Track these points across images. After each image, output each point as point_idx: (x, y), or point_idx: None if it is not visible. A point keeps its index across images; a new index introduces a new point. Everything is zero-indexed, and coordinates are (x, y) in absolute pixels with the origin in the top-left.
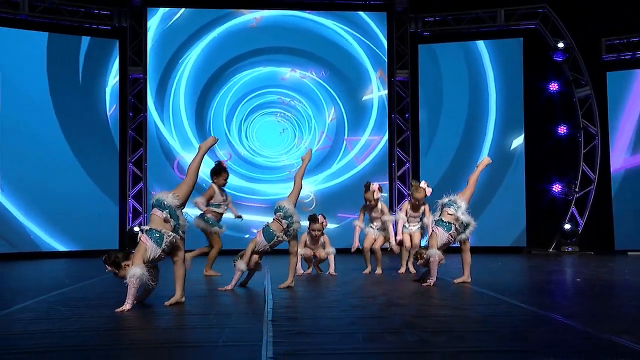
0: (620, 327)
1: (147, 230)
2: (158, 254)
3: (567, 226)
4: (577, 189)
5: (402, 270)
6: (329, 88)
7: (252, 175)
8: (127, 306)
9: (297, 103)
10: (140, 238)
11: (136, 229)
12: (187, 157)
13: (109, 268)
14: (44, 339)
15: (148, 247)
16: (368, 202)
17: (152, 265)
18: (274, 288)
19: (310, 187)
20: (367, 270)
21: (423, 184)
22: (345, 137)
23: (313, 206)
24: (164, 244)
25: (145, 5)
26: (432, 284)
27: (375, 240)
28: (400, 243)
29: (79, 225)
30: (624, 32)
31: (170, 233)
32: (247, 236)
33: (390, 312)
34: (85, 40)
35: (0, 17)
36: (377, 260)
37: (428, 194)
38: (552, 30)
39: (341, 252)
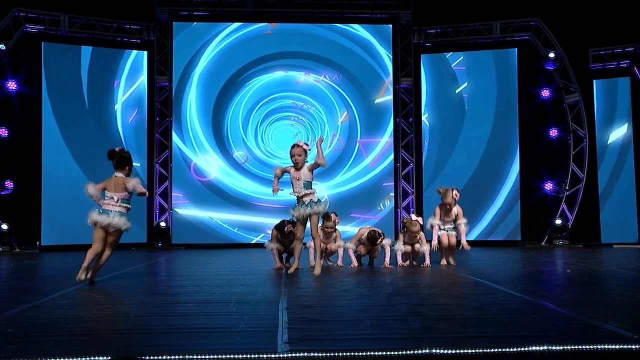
0: (607, 313)
1: None
2: None
3: (558, 221)
4: (567, 187)
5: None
6: (342, 91)
7: (268, 177)
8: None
9: (310, 107)
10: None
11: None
12: (200, 161)
13: None
14: (80, 323)
15: None
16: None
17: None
18: (289, 279)
19: (325, 190)
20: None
21: (415, 218)
22: (358, 139)
23: (327, 206)
24: None
25: (171, 20)
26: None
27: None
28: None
29: None
30: (608, 43)
31: None
32: (262, 235)
33: (396, 300)
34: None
35: (45, 33)
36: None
37: (420, 222)
38: (543, 42)
39: None
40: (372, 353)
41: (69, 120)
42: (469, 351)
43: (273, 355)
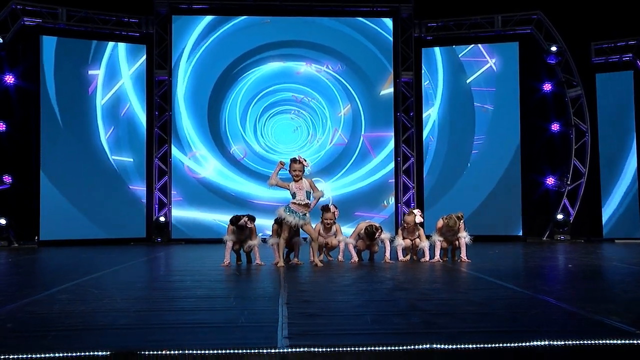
0: (608, 309)
1: None
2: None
3: (560, 216)
4: (568, 182)
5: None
6: (345, 82)
7: (268, 173)
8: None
9: (310, 100)
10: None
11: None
12: (196, 159)
13: None
14: (79, 318)
15: None
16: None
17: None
18: (289, 274)
19: (330, 191)
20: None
21: (417, 211)
22: (363, 133)
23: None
24: None
25: (170, 13)
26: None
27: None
28: None
29: (112, 216)
30: (611, 36)
31: None
32: (259, 235)
33: (396, 295)
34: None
35: (43, 26)
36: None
37: (418, 221)
38: (545, 35)
39: None
40: (372, 348)
41: (65, 114)
42: (470, 346)
43: (273, 351)
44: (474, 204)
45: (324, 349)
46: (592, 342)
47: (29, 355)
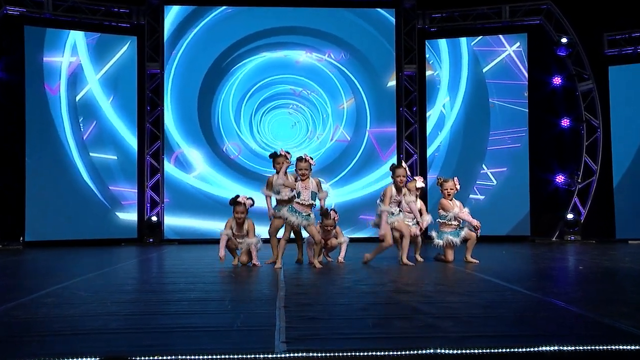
0: (620, 312)
1: None
2: None
3: (570, 216)
4: (579, 180)
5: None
6: (348, 73)
7: (264, 172)
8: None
9: (310, 92)
10: None
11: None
12: (185, 159)
13: None
14: (66, 323)
15: None
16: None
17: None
18: (287, 275)
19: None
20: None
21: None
22: (368, 129)
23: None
24: None
25: (162, 3)
26: None
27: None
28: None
29: (101, 216)
30: (625, 27)
31: None
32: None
33: (398, 298)
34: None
35: (27, 16)
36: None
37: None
38: (555, 26)
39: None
40: (373, 353)
41: (49, 110)
42: (475, 351)
43: (270, 356)
44: (480, 203)
45: (323, 354)
46: (603, 347)
47: None
